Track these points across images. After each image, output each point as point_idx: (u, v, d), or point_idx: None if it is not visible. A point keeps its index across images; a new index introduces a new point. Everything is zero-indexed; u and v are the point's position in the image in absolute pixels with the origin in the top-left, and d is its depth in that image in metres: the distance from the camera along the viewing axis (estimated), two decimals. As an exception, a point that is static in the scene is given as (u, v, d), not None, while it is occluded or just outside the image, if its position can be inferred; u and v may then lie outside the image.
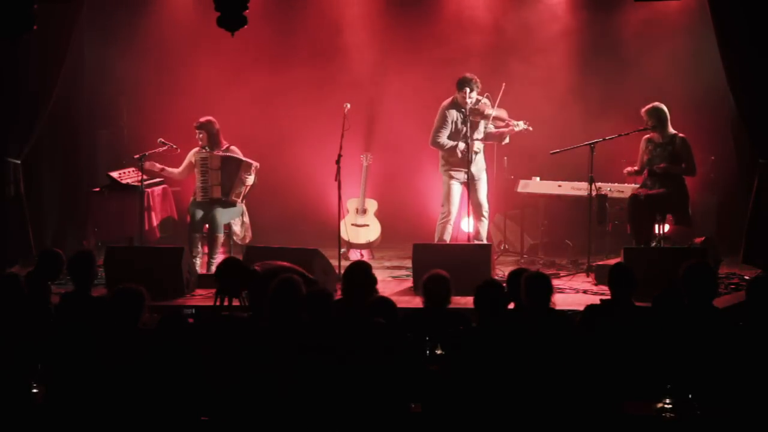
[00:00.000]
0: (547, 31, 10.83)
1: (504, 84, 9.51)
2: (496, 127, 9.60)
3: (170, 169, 9.87)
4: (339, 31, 11.09)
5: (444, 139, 9.56)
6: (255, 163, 9.62)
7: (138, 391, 5.23)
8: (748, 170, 9.64)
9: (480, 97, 9.49)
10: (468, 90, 9.35)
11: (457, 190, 9.70)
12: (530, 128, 9.50)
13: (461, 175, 9.61)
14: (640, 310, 6.21)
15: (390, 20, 11.03)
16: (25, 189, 9.97)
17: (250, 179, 9.59)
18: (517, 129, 9.50)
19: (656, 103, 9.26)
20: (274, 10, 10.90)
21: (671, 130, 9.25)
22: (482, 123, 9.54)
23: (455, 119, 9.54)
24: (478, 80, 9.43)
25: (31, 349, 5.73)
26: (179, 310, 5.85)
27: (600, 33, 10.84)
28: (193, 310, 5.86)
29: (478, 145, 9.55)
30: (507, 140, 9.67)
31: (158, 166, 9.77)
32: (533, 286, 5.85)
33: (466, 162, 9.44)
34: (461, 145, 9.47)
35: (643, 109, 9.26)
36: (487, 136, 9.60)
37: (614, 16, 10.77)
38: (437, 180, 9.86)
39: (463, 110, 9.47)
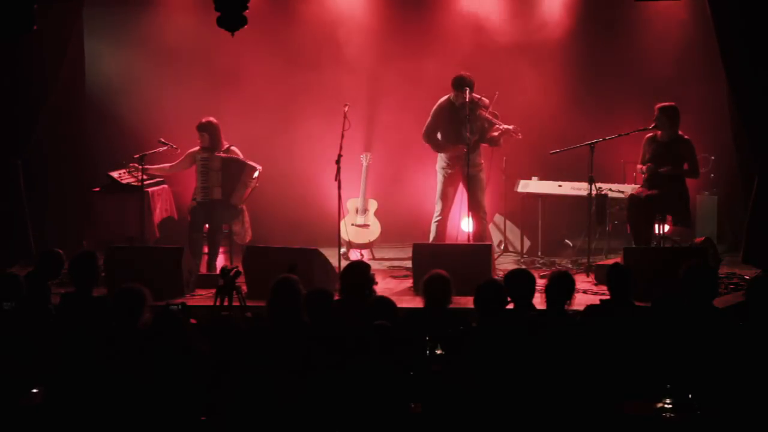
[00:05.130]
0: (548, 31, 10.82)
1: (497, 93, 9.48)
2: (489, 129, 9.57)
3: (159, 167, 9.87)
4: (339, 31, 11.08)
5: (432, 135, 9.57)
6: (258, 167, 9.60)
7: (138, 391, 5.23)
8: (748, 170, 9.64)
9: (477, 97, 9.48)
10: (462, 89, 9.34)
11: (450, 189, 9.70)
12: (519, 135, 9.47)
13: (455, 175, 9.61)
14: (640, 310, 6.21)
15: (390, 21, 11.02)
16: (25, 189, 9.97)
17: (253, 183, 9.57)
18: (507, 133, 9.43)
19: (672, 103, 9.21)
20: (274, 10, 10.89)
21: (678, 132, 9.23)
22: (477, 123, 9.51)
23: (448, 117, 9.53)
24: (473, 79, 9.41)
25: (31, 350, 5.73)
26: (167, 306, 5.86)
27: (600, 33, 10.84)
28: (180, 306, 5.88)
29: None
30: (500, 143, 9.64)
31: (150, 170, 9.77)
32: (557, 285, 5.88)
33: (460, 161, 9.43)
34: (447, 146, 9.47)
35: (659, 105, 9.19)
36: (481, 138, 9.58)
37: (615, 15, 10.76)
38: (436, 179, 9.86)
39: (456, 109, 9.46)
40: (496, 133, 9.52)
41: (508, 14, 10.87)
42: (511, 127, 9.41)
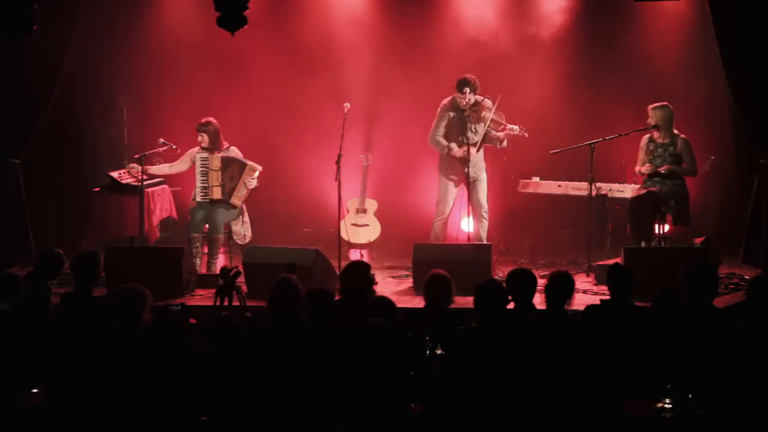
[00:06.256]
0: (547, 32, 10.81)
1: (500, 96, 9.46)
2: (494, 131, 9.57)
3: (159, 167, 9.90)
4: (340, 31, 11.08)
5: (440, 138, 9.56)
6: (258, 167, 9.59)
7: (138, 391, 5.23)
8: (748, 170, 9.64)
9: (480, 98, 9.49)
10: (467, 91, 9.34)
11: (451, 190, 9.69)
12: (526, 134, 9.47)
13: (457, 176, 9.61)
14: (640, 310, 6.21)
15: (390, 21, 11.01)
16: (25, 189, 9.98)
17: (254, 183, 9.57)
18: (513, 133, 9.45)
19: (665, 102, 9.24)
20: (275, 10, 10.89)
21: (674, 131, 9.24)
22: (481, 125, 9.52)
23: (452, 119, 9.54)
24: (477, 82, 9.42)
25: (31, 350, 5.73)
26: (166, 306, 5.89)
27: (600, 33, 10.83)
28: (179, 307, 5.90)
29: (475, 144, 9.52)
30: (505, 144, 9.64)
31: (150, 170, 9.78)
32: (557, 285, 5.89)
33: (461, 163, 9.43)
34: (453, 147, 9.47)
35: (651, 106, 9.22)
36: (486, 139, 9.58)
37: (615, 16, 10.76)
38: (437, 180, 9.85)
39: (461, 111, 9.46)
40: (501, 134, 9.52)
41: (508, 15, 10.86)
42: (517, 127, 9.42)
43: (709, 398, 5.24)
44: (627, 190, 9.58)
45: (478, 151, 9.51)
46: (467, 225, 9.78)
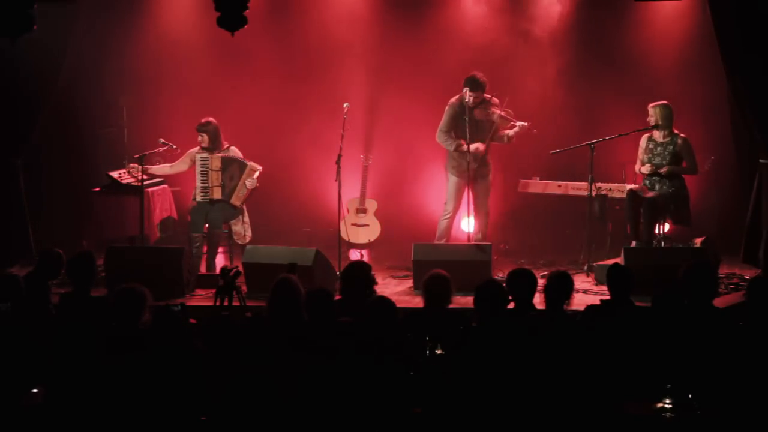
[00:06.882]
0: (548, 32, 10.81)
1: (507, 97, 9.45)
2: (502, 128, 9.56)
3: (159, 167, 9.91)
4: (339, 31, 11.08)
5: (446, 135, 9.54)
6: (258, 167, 9.59)
7: (138, 391, 5.23)
8: (748, 170, 9.64)
9: (488, 97, 9.47)
10: (475, 89, 9.32)
11: (460, 188, 9.67)
12: (535, 131, 9.46)
13: (465, 174, 9.59)
14: (640, 310, 6.22)
15: (390, 21, 11.02)
16: (25, 189, 9.97)
17: (254, 183, 9.56)
18: (522, 129, 9.42)
19: (665, 101, 9.24)
20: (275, 9, 10.89)
21: (674, 130, 9.24)
22: (489, 123, 9.49)
23: (460, 117, 9.50)
24: (485, 80, 9.39)
25: (31, 350, 5.73)
26: (167, 306, 5.90)
27: (600, 33, 10.83)
28: (179, 307, 5.91)
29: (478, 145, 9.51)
30: (513, 140, 9.62)
31: (150, 170, 9.78)
32: (555, 285, 5.89)
33: (468, 160, 9.43)
34: (463, 143, 9.44)
35: (651, 105, 9.22)
36: (494, 137, 9.56)
37: (615, 15, 10.76)
38: (437, 180, 9.85)
39: (469, 108, 9.43)
40: (511, 132, 9.50)
41: (508, 15, 10.86)
42: (526, 123, 9.41)
43: (709, 398, 5.24)
44: (627, 191, 9.58)
45: (485, 149, 9.47)
46: (467, 225, 9.77)
